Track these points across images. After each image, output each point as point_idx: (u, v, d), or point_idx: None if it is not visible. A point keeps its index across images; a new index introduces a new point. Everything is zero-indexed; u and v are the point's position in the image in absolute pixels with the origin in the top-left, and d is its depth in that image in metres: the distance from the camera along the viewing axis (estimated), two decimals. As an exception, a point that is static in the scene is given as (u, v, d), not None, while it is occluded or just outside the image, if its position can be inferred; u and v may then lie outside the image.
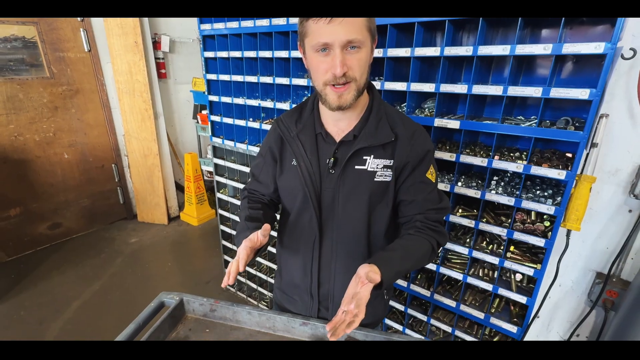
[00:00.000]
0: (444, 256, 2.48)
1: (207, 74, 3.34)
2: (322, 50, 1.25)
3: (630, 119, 2.05)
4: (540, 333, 2.77)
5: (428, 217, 1.48)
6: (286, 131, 1.52)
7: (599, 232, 2.33)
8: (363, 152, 1.43)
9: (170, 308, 1.62)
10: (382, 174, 1.44)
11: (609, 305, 2.35)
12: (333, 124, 1.48)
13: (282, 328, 1.57)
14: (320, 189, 1.49)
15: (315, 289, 1.65)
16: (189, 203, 5.82)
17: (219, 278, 4.37)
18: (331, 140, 1.48)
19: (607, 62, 1.59)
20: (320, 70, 1.28)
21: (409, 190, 1.47)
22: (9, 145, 4.45)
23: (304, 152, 1.48)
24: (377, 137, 1.42)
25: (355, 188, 1.46)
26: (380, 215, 1.53)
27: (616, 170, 2.16)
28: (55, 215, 5.04)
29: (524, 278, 2.29)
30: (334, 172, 1.46)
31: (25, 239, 4.78)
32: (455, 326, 2.53)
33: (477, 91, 1.97)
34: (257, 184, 1.71)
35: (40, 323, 3.60)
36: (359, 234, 1.53)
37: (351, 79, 1.27)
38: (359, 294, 1.21)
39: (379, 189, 1.46)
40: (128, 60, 4.92)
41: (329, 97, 1.32)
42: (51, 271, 4.47)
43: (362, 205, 1.48)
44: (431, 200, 1.48)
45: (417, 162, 1.45)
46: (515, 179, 2.18)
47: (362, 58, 1.26)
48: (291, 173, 1.54)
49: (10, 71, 4.33)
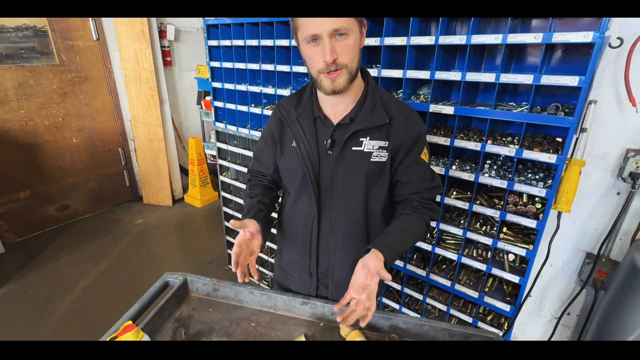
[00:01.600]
0: (439, 237, 2.53)
1: (211, 62, 3.38)
2: (312, 41, 1.30)
3: (617, 105, 2.09)
4: (532, 312, 2.82)
5: (423, 196, 1.55)
6: (286, 115, 1.56)
7: (588, 213, 2.37)
8: (360, 134, 1.48)
9: (174, 288, 1.67)
10: (377, 155, 1.49)
11: (598, 285, 2.39)
12: (330, 108, 1.53)
13: (282, 307, 1.63)
14: (319, 169, 1.53)
15: (314, 266, 1.70)
16: (193, 185, 5.91)
17: (222, 258, 4.46)
18: (329, 123, 1.52)
19: (595, 50, 1.63)
20: (313, 60, 1.34)
21: (406, 171, 1.53)
22: (19, 129, 4.53)
23: (303, 134, 1.52)
24: (372, 120, 1.46)
25: (353, 168, 1.50)
26: (377, 194, 1.58)
27: (604, 154, 2.21)
28: (64, 198, 5.13)
29: (516, 258, 2.34)
30: (332, 153, 1.50)
31: (34, 220, 4.88)
32: (450, 305, 2.59)
33: (471, 78, 2.01)
34: (259, 164, 1.78)
35: (48, 302, 3.68)
36: (357, 213, 1.58)
37: (342, 66, 1.32)
38: (369, 286, 1.29)
39: (375, 169, 1.51)
40: (135, 48, 4.99)
41: (323, 83, 1.37)
42: (59, 252, 4.55)
43: (360, 184, 1.53)
44: (426, 180, 1.55)
45: (412, 144, 1.51)
46: (508, 162, 2.22)
47: (349, 44, 1.31)
48: (291, 154, 1.58)
49: (22, 59, 4.41)
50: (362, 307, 1.27)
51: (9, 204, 4.61)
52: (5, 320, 3.44)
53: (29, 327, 3.36)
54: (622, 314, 2.05)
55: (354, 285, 1.32)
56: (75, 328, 3.36)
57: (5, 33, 4.23)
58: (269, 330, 1.57)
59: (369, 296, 1.28)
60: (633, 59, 1.95)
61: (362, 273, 1.32)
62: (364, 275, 1.31)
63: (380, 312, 1.53)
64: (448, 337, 1.48)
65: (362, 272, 1.32)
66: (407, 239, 1.51)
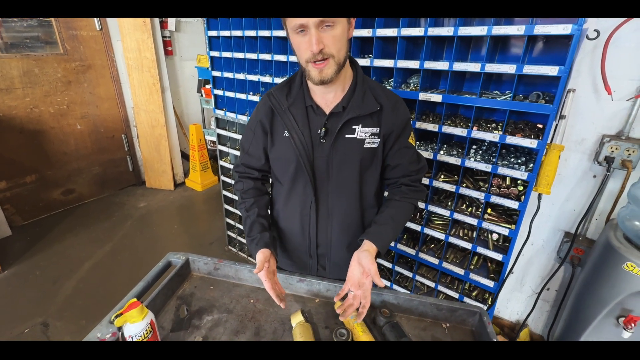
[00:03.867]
0: (428, 218, 2.62)
1: (211, 52, 3.44)
2: (300, 31, 1.31)
3: (594, 93, 2.19)
4: (514, 287, 2.94)
5: (411, 179, 1.63)
6: (277, 104, 1.55)
7: (567, 195, 2.48)
8: (352, 122, 1.50)
9: (176, 267, 1.71)
10: (370, 141, 1.53)
11: (576, 262, 2.50)
12: (321, 97, 1.53)
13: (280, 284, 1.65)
14: (312, 158, 1.55)
15: (314, 249, 1.75)
16: (194, 170, 6.00)
17: (222, 239, 4.54)
18: (321, 112, 1.53)
19: (574, 42, 1.71)
20: (301, 49, 1.36)
21: (395, 155, 1.59)
22: (25, 116, 4.60)
23: (295, 124, 1.52)
24: (364, 108, 1.48)
25: (347, 155, 1.53)
26: (370, 178, 1.64)
27: (582, 139, 2.31)
28: (69, 182, 5.22)
29: (500, 237, 2.45)
30: (326, 142, 1.52)
31: (40, 204, 4.96)
32: (438, 282, 2.70)
33: (458, 68, 2.08)
34: (248, 157, 1.73)
35: (54, 282, 3.76)
36: (352, 196, 1.63)
37: (329, 55, 1.32)
38: (364, 285, 1.39)
39: (368, 155, 1.55)
40: (137, 38, 5.05)
41: (311, 72, 1.38)
42: (65, 234, 4.63)
43: (354, 170, 1.57)
44: (413, 162, 1.62)
45: (401, 129, 1.56)
46: (492, 147, 2.30)
47: (336, 35, 1.31)
48: (283, 144, 1.58)
49: (27, 48, 4.47)
50: (358, 301, 1.38)
51: (16, 188, 4.69)
52: (13, 300, 3.51)
53: (36, 307, 3.42)
54: (597, 289, 2.16)
55: (350, 279, 1.41)
56: (81, 306, 3.44)
57: (10, 23, 4.28)
58: (267, 306, 1.62)
59: (365, 294, 1.38)
60: (609, 50, 2.05)
61: (357, 269, 1.40)
62: (360, 272, 1.40)
63: (372, 289, 1.57)
64: (436, 311, 1.56)
65: (357, 269, 1.40)
66: (398, 226, 1.58)
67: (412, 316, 1.59)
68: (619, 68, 2.09)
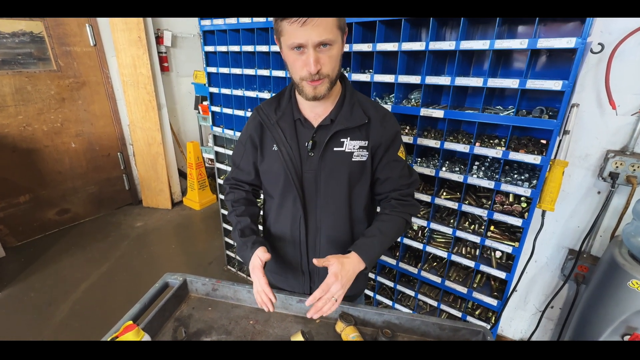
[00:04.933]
0: (430, 236, 2.59)
1: (208, 67, 3.41)
2: (297, 49, 1.31)
3: (598, 108, 2.17)
4: (518, 305, 2.91)
5: (402, 193, 1.62)
6: (266, 119, 1.57)
7: (571, 212, 2.46)
8: (340, 135, 1.51)
9: (174, 288, 1.70)
10: (358, 154, 1.53)
11: (580, 279, 2.48)
12: (310, 110, 1.55)
13: (279, 305, 1.67)
14: (301, 171, 1.55)
15: (306, 265, 1.73)
16: (191, 189, 5.95)
17: (221, 259, 4.49)
18: (309, 125, 1.55)
19: (577, 55, 1.69)
20: (296, 67, 1.36)
21: (384, 168, 1.58)
22: (18, 135, 4.55)
23: (284, 137, 1.54)
24: (352, 120, 1.49)
25: (336, 168, 1.53)
26: (359, 192, 1.62)
27: (586, 155, 2.29)
28: (64, 201, 5.15)
29: (503, 255, 2.41)
30: (314, 155, 1.52)
31: (34, 224, 4.89)
32: (440, 300, 2.65)
33: (460, 83, 2.06)
34: (238, 171, 1.76)
35: (50, 304, 3.69)
36: (341, 210, 1.62)
37: (324, 76, 1.35)
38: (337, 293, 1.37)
39: (357, 168, 1.55)
40: (132, 54, 5.01)
41: (305, 89, 1.39)
42: (60, 254, 4.56)
43: (343, 184, 1.56)
44: (403, 176, 1.61)
45: (390, 142, 1.56)
46: (495, 164, 2.28)
47: (333, 55, 1.33)
48: (272, 158, 1.59)
49: (19, 64, 4.42)
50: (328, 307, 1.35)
51: (9, 208, 4.63)
52: (8, 322, 3.46)
53: (31, 329, 3.36)
54: (602, 307, 2.12)
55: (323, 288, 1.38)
56: (76, 329, 3.38)
57: (1, 39, 4.24)
58: (266, 327, 1.61)
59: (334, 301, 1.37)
60: (613, 64, 2.03)
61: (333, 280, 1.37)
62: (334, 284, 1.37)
63: (374, 309, 1.58)
64: (439, 331, 1.54)
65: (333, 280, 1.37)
66: (386, 239, 1.56)
67: (414, 336, 1.57)
68: (623, 82, 2.07)
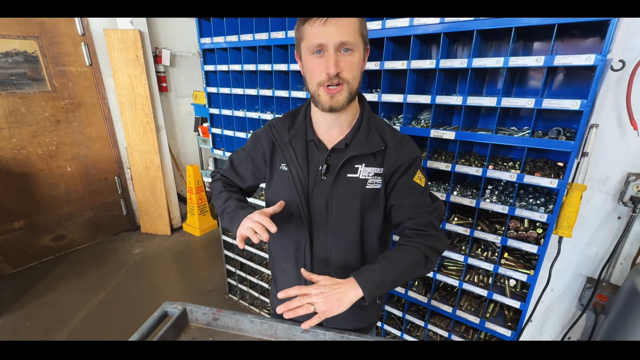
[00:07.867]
0: (441, 263, 2.50)
1: (208, 87, 3.36)
2: (317, 52, 1.28)
3: (619, 128, 2.09)
4: (533, 336, 2.81)
5: (417, 222, 1.44)
6: (279, 137, 1.54)
7: (589, 238, 2.37)
8: (355, 161, 1.46)
9: (173, 317, 1.62)
10: (373, 182, 1.47)
11: (599, 309, 2.39)
12: (325, 131, 1.50)
13: (284, 336, 1.57)
14: (310, 195, 1.51)
15: None
16: (191, 214, 5.85)
17: (222, 287, 4.42)
18: (323, 147, 1.50)
19: (597, 73, 1.62)
20: (315, 72, 1.32)
21: (398, 193, 1.49)
22: (11, 158, 4.48)
23: (295, 158, 1.50)
24: (368, 146, 1.44)
25: (348, 195, 1.48)
26: (372, 221, 1.54)
27: (606, 178, 2.20)
28: (59, 227, 5.06)
29: (517, 283, 2.32)
30: (326, 179, 1.48)
31: (29, 250, 4.80)
32: (451, 331, 2.56)
33: (472, 102, 1.99)
34: (234, 174, 1.72)
35: (46, 333, 3.61)
36: (352, 240, 1.55)
37: (344, 81, 1.30)
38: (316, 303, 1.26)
39: (370, 196, 1.49)
40: (129, 73, 4.95)
41: (322, 97, 1.34)
42: (56, 282, 4.49)
43: (355, 211, 1.49)
44: (420, 204, 1.47)
45: (405, 168, 1.47)
46: (509, 187, 2.21)
47: (354, 61, 1.30)
48: (281, 178, 1.56)
49: (12, 85, 4.35)
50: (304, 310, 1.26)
51: (3, 234, 4.54)
52: None
53: None
54: (622, 337, 2.07)
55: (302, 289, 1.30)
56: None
57: (-7, 59, 4.18)
58: None
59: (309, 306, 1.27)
60: (635, 82, 1.95)
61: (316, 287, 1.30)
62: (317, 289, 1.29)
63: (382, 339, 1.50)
64: None
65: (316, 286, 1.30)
66: (392, 268, 1.36)
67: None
68: (645, 101, 1.98)
